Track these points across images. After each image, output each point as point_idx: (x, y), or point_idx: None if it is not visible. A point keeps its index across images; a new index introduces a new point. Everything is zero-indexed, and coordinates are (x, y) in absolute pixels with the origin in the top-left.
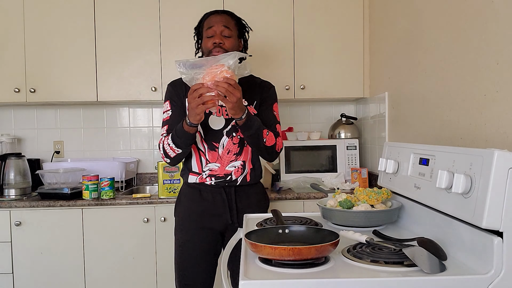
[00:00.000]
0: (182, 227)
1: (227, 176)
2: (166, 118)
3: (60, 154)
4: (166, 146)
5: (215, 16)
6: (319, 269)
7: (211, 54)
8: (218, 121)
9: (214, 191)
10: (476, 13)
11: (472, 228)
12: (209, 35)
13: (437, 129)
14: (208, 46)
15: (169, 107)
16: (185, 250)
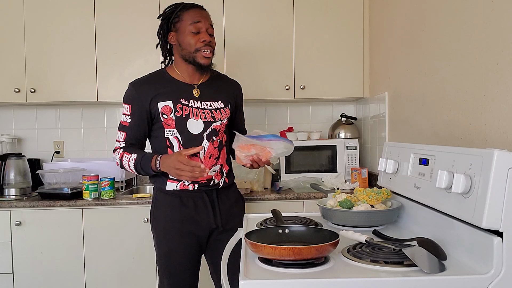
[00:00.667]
0: (165, 236)
1: (210, 181)
2: (125, 123)
3: (60, 154)
4: (125, 164)
5: (200, 11)
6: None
7: (199, 54)
8: (196, 125)
9: (195, 196)
10: (476, 13)
11: (472, 228)
12: (194, 31)
13: (437, 129)
14: (195, 43)
15: (129, 112)
16: (172, 259)
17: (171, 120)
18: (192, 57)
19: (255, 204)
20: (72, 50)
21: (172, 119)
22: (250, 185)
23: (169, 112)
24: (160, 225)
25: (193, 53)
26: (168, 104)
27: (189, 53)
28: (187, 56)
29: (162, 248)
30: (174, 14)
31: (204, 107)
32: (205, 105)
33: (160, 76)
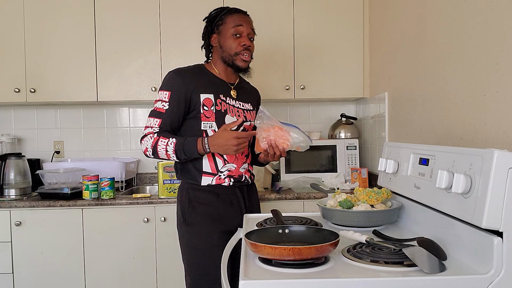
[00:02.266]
0: (206, 234)
1: (241, 177)
2: (161, 110)
3: (60, 154)
4: (160, 149)
5: (243, 15)
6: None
7: (238, 57)
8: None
9: (230, 192)
10: (476, 13)
11: (472, 228)
12: (236, 34)
13: (437, 129)
14: (236, 47)
15: (168, 99)
16: (212, 257)
17: (211, 113)
18: (231, 60)
19: None
20: (72, 50)
21: (212, 112)
22: None
23: (210, 105)
24: (199, 223)
25: (232, 56)
26: (209, 97)
27: (229, 55)
28: (227, 58)
29: (200, 247)
30: (218, 17)
31: (239, 106)
32: (239, 104)
33: (200, 70)
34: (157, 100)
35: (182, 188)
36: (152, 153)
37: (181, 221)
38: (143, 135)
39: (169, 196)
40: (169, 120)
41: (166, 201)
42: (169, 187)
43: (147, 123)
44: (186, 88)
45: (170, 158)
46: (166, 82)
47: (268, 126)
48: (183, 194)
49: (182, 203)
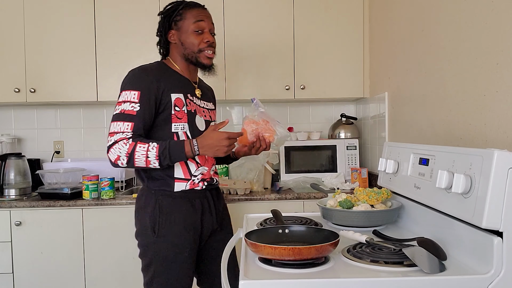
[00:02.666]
0: (177, 244)
1: (212, 180)
2: (131, 112)
3: (60, 154)
4: (139, 155)
5: (202, 10)
6: (319, 269)
7: (202, 54)
8: (201, 122)
9: (201, 197)
10: (476, 13)
11: (472, 228)
12: (197, 30)
13: (437, 129)
14: (199, 43)
15: (138, 100)
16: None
17: (183, 114)
18: (195, 57)
19: (255, 204)
20: (72, 50)
21: (184, 112)
22: (250, 185)
23: (181, 105)
24: (172, 234)
25: (196, 53)
26: (180, 97)
27: (192, 53)
28: (190, 56)
29: (172, 259)
30: (176, 12)
31: (204, 106)
32: (204, 104)
33: (164, 67)
34: (122, 102)
35: (149, 196)
36: (127, 162)
37: (148, 231)
38: (113, 142)
39: None
40: (142, 123)
41: None
42: None
43: (114, 129)
44: (157, 87)
45: (149, 165)
46: (133, 81)
47: (257, 118)
48: (151, 202)
49: (151, 212)
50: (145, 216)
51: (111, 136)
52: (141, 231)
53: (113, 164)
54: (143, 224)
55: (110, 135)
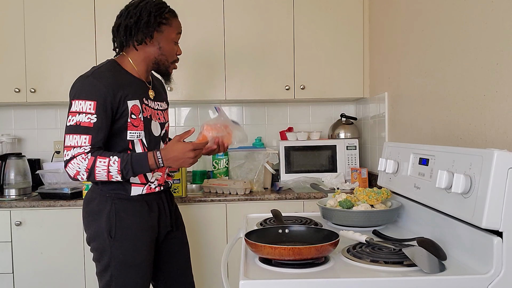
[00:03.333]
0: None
1: (167, 183)
2: (87, 124)
3: (60, 154)
4: (100, 170)
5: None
6: (319, 269)
7: (173, 64)
8: (156, 127)
9: (158, 199)
10: (476, 13)
11: (472, 228)
12: (176, 41)
13: (437, 129)
14: (174, 55)
15: (94, 110)
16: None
17: (139, 121)
18: (166, 66)
19: (255, 204)
20: (72, 50)
21: (140, 120)
22: (250, 185)
23: (137, 113)
24: (129, 236)
25: (169, 63)
26: (136, 104)
27: (166, 61)
28: (161, 62)
29: (130, 262)
30: (163, 14)
31: (158, 108)
32: (158, 105)
33: (117, 69)
34: (77, 112)
35: (103, 200)
36: (87, 177)
37: (104, 235)
38: (70, 157)
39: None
40: (101, 135)
41: None
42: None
43: (71, 142)
44: (113, 95)
45: (111, 179)
46: (87, 90)
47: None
48: (106, 206)
49: (106, 216)
50: (99, 220)
51: (68, 150)
52: (95, 235)
53: (73, 178)
54: (97, 228)
55: (67, 149)
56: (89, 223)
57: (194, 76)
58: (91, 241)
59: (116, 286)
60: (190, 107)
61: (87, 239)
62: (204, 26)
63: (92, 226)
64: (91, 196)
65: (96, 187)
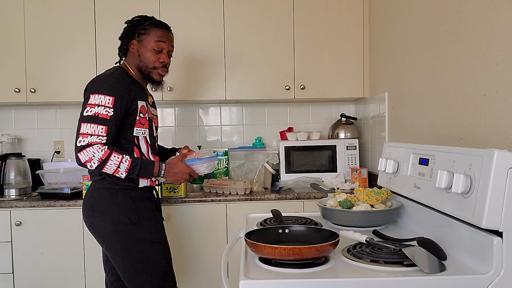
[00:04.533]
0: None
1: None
2: (105, 116)
3: (61, 154)
4: (111, 164)
5: (166, 32)
6: (319, 269)
7: (155, 71)
8: (154, 129)
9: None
10: (476, 13)
11: (472, 228)
12: (156, 49)
13: (437, 129)
14: (154, 61)
15: (112, 105)
16: (165, 247)
17: (145, 120)
18: (147, 72)
19: (255, 204)
20: (72, 50)
21: (146, 119)
22: (250, 185)
23: (144, 112)
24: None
25: (149, 69)
26: (144, 104)
27: (146, 67)
28: (143, 69)
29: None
30: (142, 26)
31: (153, 113)
32: (153, 111)
33: (127, 74)
34: (95, 105)
35: (113, 192)
36: (97, 166)
37: (124, 222)
38: (86, 144)
39: (169, 196)
40: (114, 127)
41: (166, 201)
42: (169, 186)
43: (88, 130)
44: (128, 94)
45: (115, 174)
46: (107, 87)
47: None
48: (118, 196)
49: (121, 204)
50: (114, 211)
51: (84, 137)
52: (114, 225)
53: (81, 164)
54: (115, 219)
55: (82, 135)
56: (101, 218)
57: (194, 76)
58: (110, 234)
59: (150, 266)
60: (190, 107)
61: (101, 237)
62: (204, 26)
63: (107, 219)
64: (97, 191)
65: (103, 181)
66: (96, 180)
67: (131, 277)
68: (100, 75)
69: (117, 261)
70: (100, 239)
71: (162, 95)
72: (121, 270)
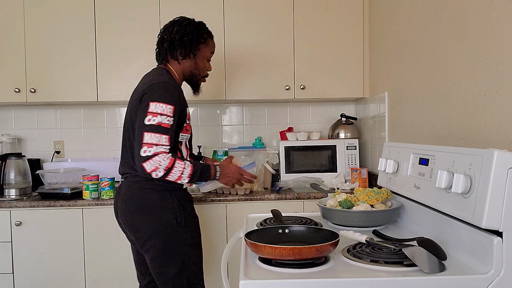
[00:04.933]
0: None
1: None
2: (167, 125)
3: (60, 154)
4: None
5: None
6: (319, 269)
7: (204, 78)
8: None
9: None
10: (476, 13)
11: (472, 228)
12: (209, 60)
13: (437, 129)
14: (205, 71)
15: (172, 114)
16: (201, 247)
17: (189, 127)
18: (197, 79)
19: (255, 204)
20: (72, 50)
21: (190, 125)
22: (250, 185)
23: (189, 118)
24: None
25: (201, 76)
26: (189, 111)
27: (198, 75)
28: (194, 76)
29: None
30: (203, 34)
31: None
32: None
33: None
34: (158, 114)
35: (162, 193)
36: (163, 175)
37: (171, 224)
38: (152, 154)
39: None
40: (173, 135)
41: None
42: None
43: (152, 140)
44: (182, 102)
45: (178, 180)
46: (168, 96)
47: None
48: (167, 197)
49: (169, 206)
50: (162, 212)
51: (149, 147)
52: (161, 227)
53: (147, 174)
54: (162, 220)
55: (147, 145)
56: (148, 219)
57: None
58: (155, 235)
59: (189, 267)
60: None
61: (143, 238)
62: None
63: (154, 220)
64: (144, 192)
65: (149, 182)
66: (138, 181)
67: (170, 280)
68: (159, 81)
69: (156, 262)
70: (142, 240)
71: None
72: (159, 272)
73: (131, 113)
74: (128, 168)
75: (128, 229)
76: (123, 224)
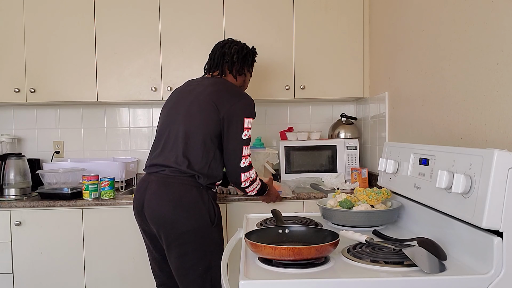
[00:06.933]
0: (221, 230)
1: None
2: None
3: (60, 154)
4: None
5: None
6: (319, 269)
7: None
8: None
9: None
10: (476, 13)
11: (472, 228)
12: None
13: (437, 129)
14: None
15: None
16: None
17: None
18: None
19: (255, 204)
20: (72, 50)
21: None
22: None
23: None
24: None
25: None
26: None
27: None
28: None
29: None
30: (255, 57)
31: None
32: None
33: None
34: (249, 128)
35: (199, 190)
36: (247, 186)
37: (206, 222)
38: (248, 165)
39: None
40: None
41: None
42: None
43: (246, 152)
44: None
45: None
46: (254, 111)
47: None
48: (203, 195)
49: (205, 204)
50: (200, 209)
51: (245, 158)
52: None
53: (239, 182)
54: (200, 217)
55: (245, 157)
56: (186, 215)
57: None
58: (190, 232)
59: (214, 268)
60: None
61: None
62: (204, 26)
63: (191, 216)
64: (184, 188)
65: (189, 179)
66: (177, 175)
67: (197, 278)
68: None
69: (185, 260)
70: (175, 235)
71: (162, 95)
72: (186, 269)
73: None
74: (168, 161)
75: (159, 222)
76: (152, 218)
